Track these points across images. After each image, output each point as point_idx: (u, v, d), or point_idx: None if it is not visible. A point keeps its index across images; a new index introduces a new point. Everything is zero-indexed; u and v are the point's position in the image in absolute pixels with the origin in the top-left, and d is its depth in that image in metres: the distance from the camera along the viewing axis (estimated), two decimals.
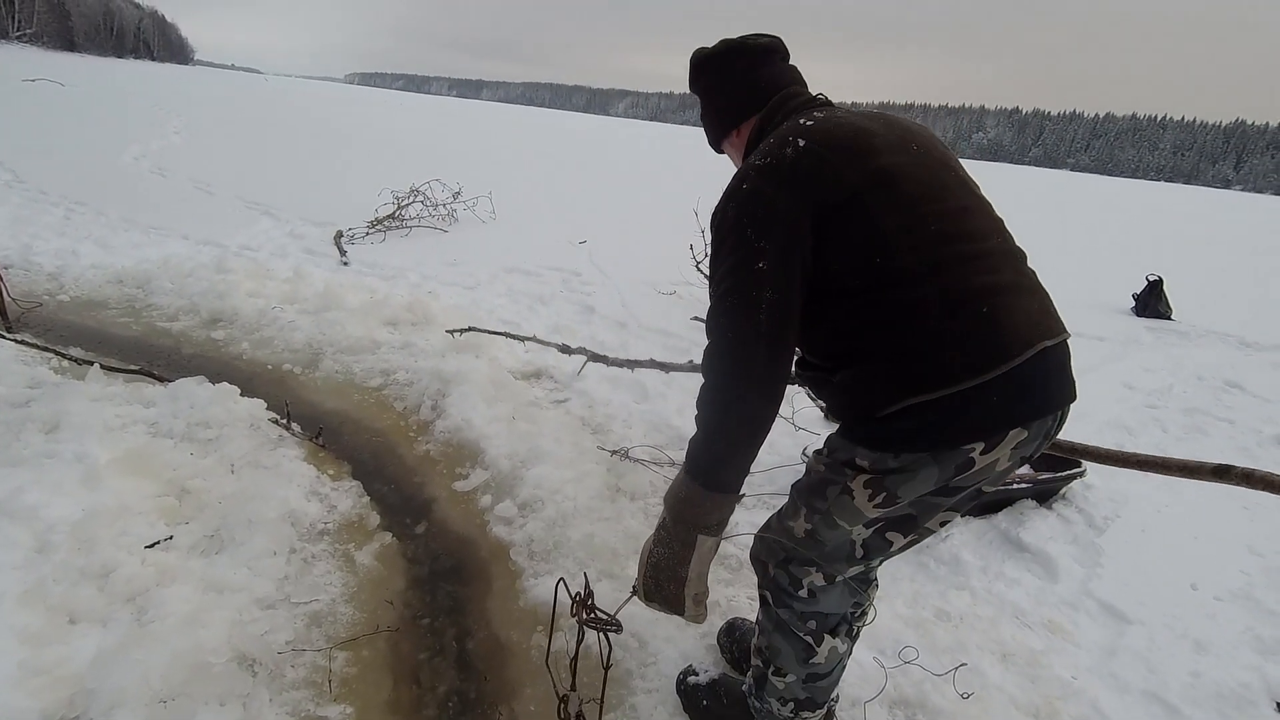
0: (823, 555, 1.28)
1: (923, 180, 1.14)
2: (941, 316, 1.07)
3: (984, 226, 1.17)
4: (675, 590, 1.22)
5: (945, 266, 1.09)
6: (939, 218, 1.12)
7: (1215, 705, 1.81)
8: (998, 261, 1.14)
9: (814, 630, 1.33)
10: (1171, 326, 5.95)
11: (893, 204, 1.10)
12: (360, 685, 1.67)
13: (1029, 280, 1.18)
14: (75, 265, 4.41)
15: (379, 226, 6.41)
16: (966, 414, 1.07)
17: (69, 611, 1.69)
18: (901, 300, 1.08)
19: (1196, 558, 2.46)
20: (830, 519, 1.23)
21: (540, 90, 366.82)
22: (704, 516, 1.17)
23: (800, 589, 1.31)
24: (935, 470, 1.11)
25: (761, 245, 1.09)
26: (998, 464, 1.13)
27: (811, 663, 1.35)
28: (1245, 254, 12.81)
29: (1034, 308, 1.14)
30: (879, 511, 1.18)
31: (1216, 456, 3.34)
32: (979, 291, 1.09)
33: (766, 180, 1.12)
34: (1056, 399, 1.14)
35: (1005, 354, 1.06)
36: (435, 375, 3.18)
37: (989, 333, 1.07)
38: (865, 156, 1.12)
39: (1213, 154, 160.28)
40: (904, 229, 1.09)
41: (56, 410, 2.43)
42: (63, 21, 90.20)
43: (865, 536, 1.24)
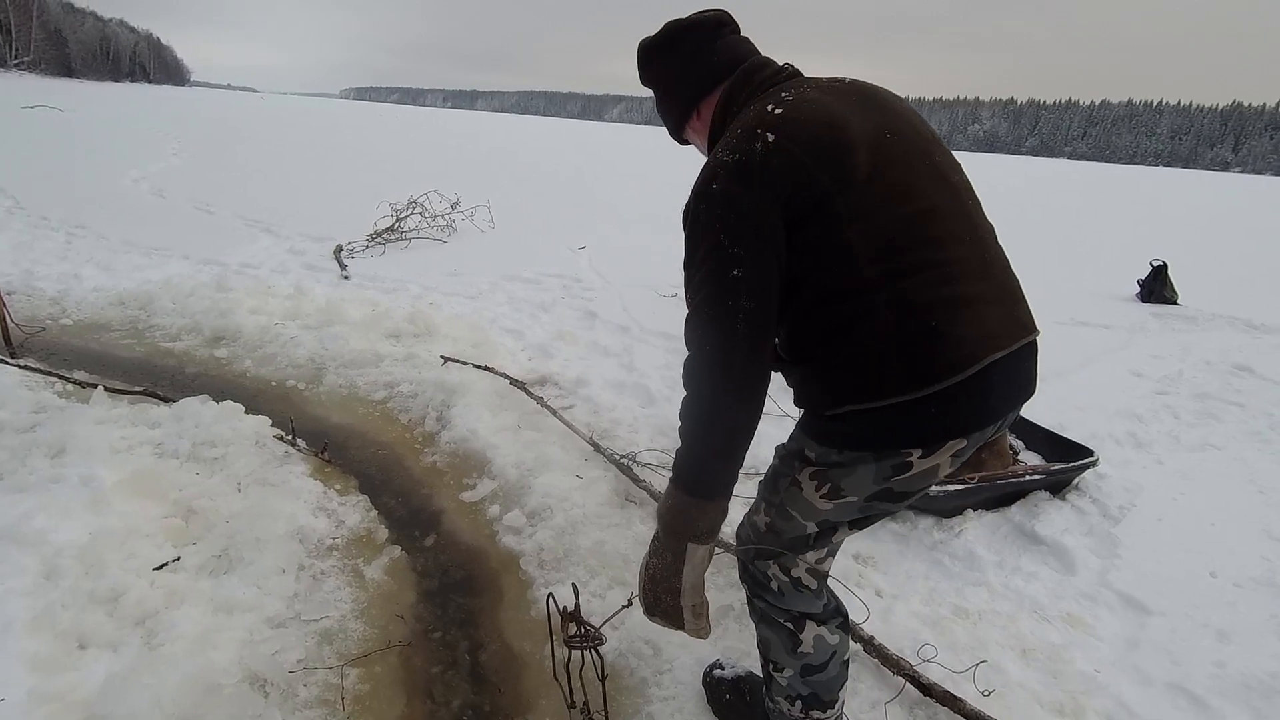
0: (781, 545, 1.30)
1: (893, 181, 1.10)
2: (890, 329, 1.06)
3: (952, 229, 1.12)
4: (672, 602, 1.22)
5: (902, 276, 1.07)
6: (905, 223, 1.09)
7: (1243, 696, 1.78)
8: (958, 269, 1.10)
9: (795, 618, 1.34)
10: (1178, 311, 5.91)
11: (860, 210, 1.06)
12: (373, 702, 1.65)
13: (992, 287, 1.14)
14: (77, 289, 4.42)
15: (378, 239, 6.42)
16: (904, 423, 1.10)
17: (78, 637, 1.68)
18: (855, 309, 1.08)
19: (1214, 545, 2.42)
20: (784, 511, 1.26)
21: (535, 99, 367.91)
22: (693, 525, 1.17)
23: (770, 582, 1.34)
24: (874, 468, 1.14)
25: (736, 251, 1.05)
26: (939, 469, 1.15)
27: (800, 652, 1.34)
28: (1248, 236, 12.75)
29: (990, 318, 1.10)
30: (827, 505, 1.21)
31: (1230, 441, 3.32)
32: (931, 304, 1.07)
33: (735, 180, 1.06)
34: (999, 410, 1.15)
35: (948, 370, 1.06)
36: (439, 386, 3.17)
37: (934, 348, 1.06)
38: (837, 154, 1.07)
39: (1210, 137, 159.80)
40: (867, 237, 1.06)
41: (62, 434, 2.42)
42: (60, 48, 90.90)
43: (816, 533, 1.28)
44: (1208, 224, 14.84)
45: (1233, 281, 7.53)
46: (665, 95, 1.34)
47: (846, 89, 1.18)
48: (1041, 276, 7.08)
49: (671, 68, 1.30)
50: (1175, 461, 3.06)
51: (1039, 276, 7.05)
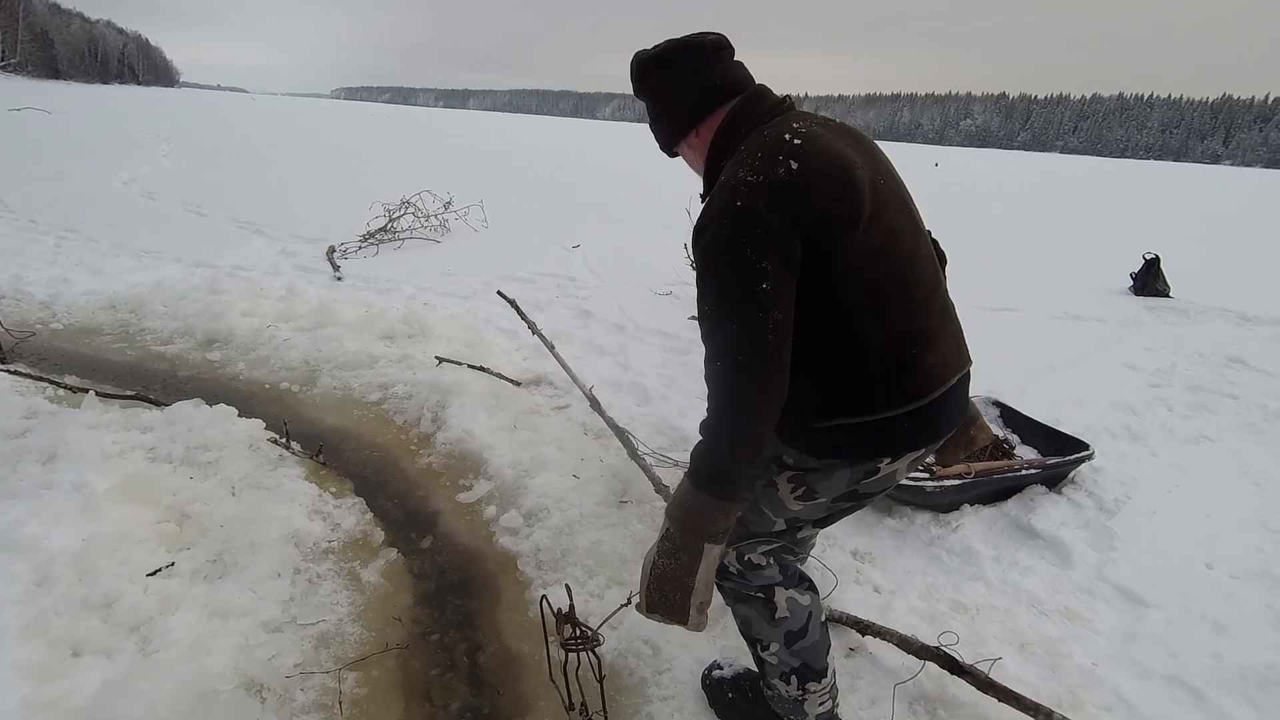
0: (745, 536, 1.39)
1: (886, 225, 1.20)
2: (879, 352, 1.20)
3: (925, 273, 1.27)
4: (681, 600, 1.25)
5: (891, 309, 1.20)
6: (892, 260, 1.21)
7: (1240, 687, 1.78)
8: (930, 305, 1.27)
9: (763, 586, 1.41)
10: (1170, 304, 5.93)
11: (860, 245, 1.15)
12: (371, 706, 1.64)
13: (951, 322, 1.32)
14: (68, 293, 4.38)
15: (371, 240, 6.39)
16: (882, 436, 1.25)
17: (72, 644, 1.67)
18: (850, 332, 1.19)
19: (1210, 536, 2.43)
20: (756, 508, 1.37)
21: (527, 97, 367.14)
22: (712, 525, 1.20)
23: (730, 567, 1.42)
24: (848, 473, 1.29)
25: (763, 266, 1.10)
26: (897, 474, 1.32)
27: (778, 619, 1.40)
28: (1240, 229, 12.82)
29: (950, 347, 1.29)
30: (798, 505, 1.33)
31: (1225, 432, 3.33)
32: (913, 334, 1.22)
33: (760, 199, 1.11)
34: (949, 425, 1.33)
35: (922, 391, 1.23)
36: (434, 387, 3.16)
37: (913, 373, 1.22)
38: (847, 191, 1.14)
39: (1201, 130, 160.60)
40: (862, 269, 1.17)
41: (53, 440, 2.40)
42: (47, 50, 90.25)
43: (782, 529, 1.38)
44: (1199, 217, 14.92)
45: (1225, 274, 7.57)
46: (663, 110, 1.35)
47: (843, 130, 1.28)
48: (1035, 271, 7.11)
49: (670, 84, 1.32)
50: (1169, 454, 3.07)
51: (1033, 271, 7.09)
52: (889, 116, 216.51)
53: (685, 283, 5.31)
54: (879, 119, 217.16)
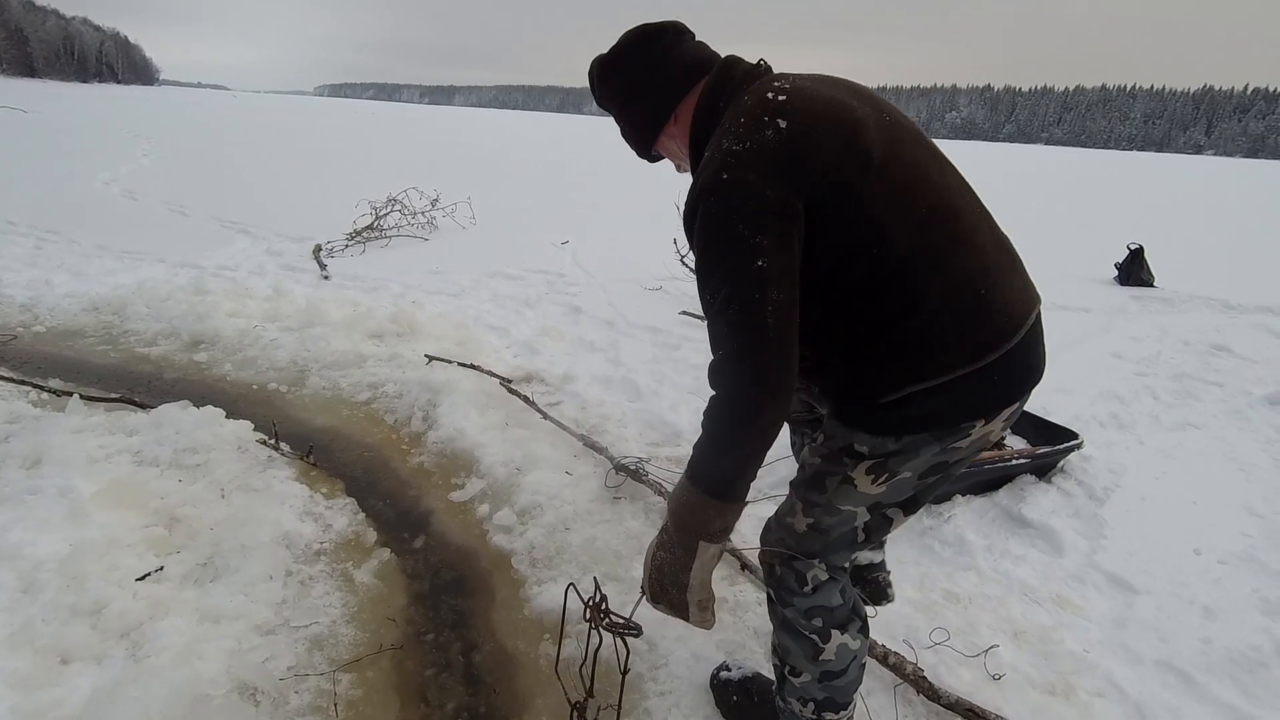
0: (827, 546, 1.27)
1: (905, 160, 1.09)
2: (941, 306, 1.07)
3: (965, 203, 1.15)
4: (679, 596, 1.19)
5: (940, 252, 1.07)
6: (926, 197, 1.09)
7: (1228, 670, 1.81)
8: (984, 239, 1.14)
9: (820, 628, 1.29)
10: (1155, 294, 5.99)
11: (884, 189, 1.05)
12: (367, 707, 1.63)
13: (1009, 253, 1.19)
14: (49, 295, 4.32)
15: (358, 238, 6.34)
16: (969, 397, 1.11)
17: (60, 651, 1.64)
18: (901, 290, 1.06)
19: (1198, 522, 2.46)
20: (832, 508, 1.23)
21: (513, 93, 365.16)
22: (708, 524, 1.12)
23: (805, 585, 1.28)
24: (936, 447, 1.14)
25: (758, 241, 1.00)
26: (991, 434, 1.18)
27: (821, 660, 1.30)
28: (1222, 218, 12.97)
29: (1018, 283, 1.16)
30: (881, 489, 1.19)
31: (1210, 420, 3.37)
32: (973, 276, 1.09)
33: (749, 167, 1.02)
34: (1039, 368, 1.20)
35: (1002, 338, 1.09)
36: (424, 386, 3.14)
37: (986, 319, 1.09)
38: (850, 135, 1.05)
39: (1183, 121, 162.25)
40: (897, 215, 1.05)
41: (37, 444, 2.37)
42: (21, 48, 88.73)
43: (867, 519, 1.24)
44: (1183, 207, 15.08)
45: (1208, 263, 7.66)
46: (633, 105, 1.27)
47: (832, 79, 1.17)
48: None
49: (637, 75, 1.25)
50: (1156, 441, 3.10)
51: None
52: None
53: (675, 278, 5.30)
54: None
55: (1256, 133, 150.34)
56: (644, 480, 2.44)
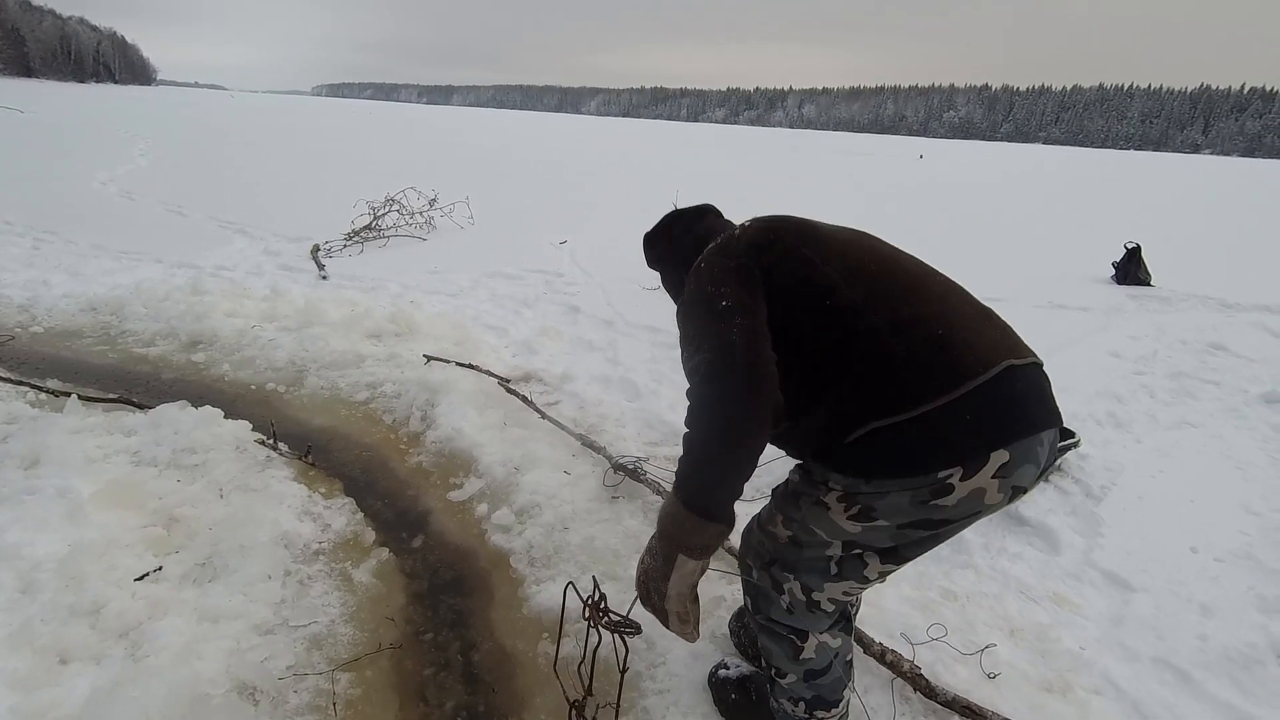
0: (802, 563, 1.28)
1: (851, 240, 1.29)
2: (895, 343, 1.10)
3: (919, 268, 1.26)
4: (659, 603, 1.21)
5: (890, 300, 1.16)
6: (876, 261, 1.23)
7: (1224, 667, 1.82)
8: (941, 293, 1.20)
9: (798, 631, 1.33)
10: (1152, 293, 6.00)
11: (834, 255, 1.22)
12: (365, 706, 1.63)
13: (981, 311, 1.21)
14: (47, 296, 4.31)
15: (356, 238, 6.34)
16: (935, 436, 1.06)
17: (59, 651, 1.64)
18: (853, 330, 1.13)
19: (1195, 521, 2.47)
20: (806, 527, 1.24)
21: (511, 93, 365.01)
22: (687, 538, 1.13)
23: (782, 595, 1.31)
24: (910, 497, 1.09)
25: (722, 290, 1.17)
26: (986, 495, 1.08)
27: (803, 659, 1.33)
28: (1219, 217, 12.99)
29: (993, 333, 1.16)
30: (855, 527, 1.16)
31: (1207, 418, 3.38)
32: (926, 318, 1.13)
33: (719, 253, 1.26)
34: (1038, 418, 1.11)
35: (968, 372, 1.07)
36: (423, 386, 3.14)
37: (946, 353, 1.09)
38: (800, 226, 1.30)
39: (1180, 120, 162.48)
40: (843, 271, 1.19)
41: (35, 445, 2.36)
42: (18, 48, 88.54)
43: (839, 554, 1.23)
44: (1180, 206, 15.10)
45: (1205, 262, 7.67)
46: (666, 270, 1.57)
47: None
48: (1019, 261, 7.16)
49: (663, 248, 1.56)
50: (1154, 440, 3.11)
51: (1017, 261, 7.14)
52: (873, 109, 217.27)
53: None
54: (863, 111, 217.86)
55: (1253, 132, 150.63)
56: (642, 479, 2.45)
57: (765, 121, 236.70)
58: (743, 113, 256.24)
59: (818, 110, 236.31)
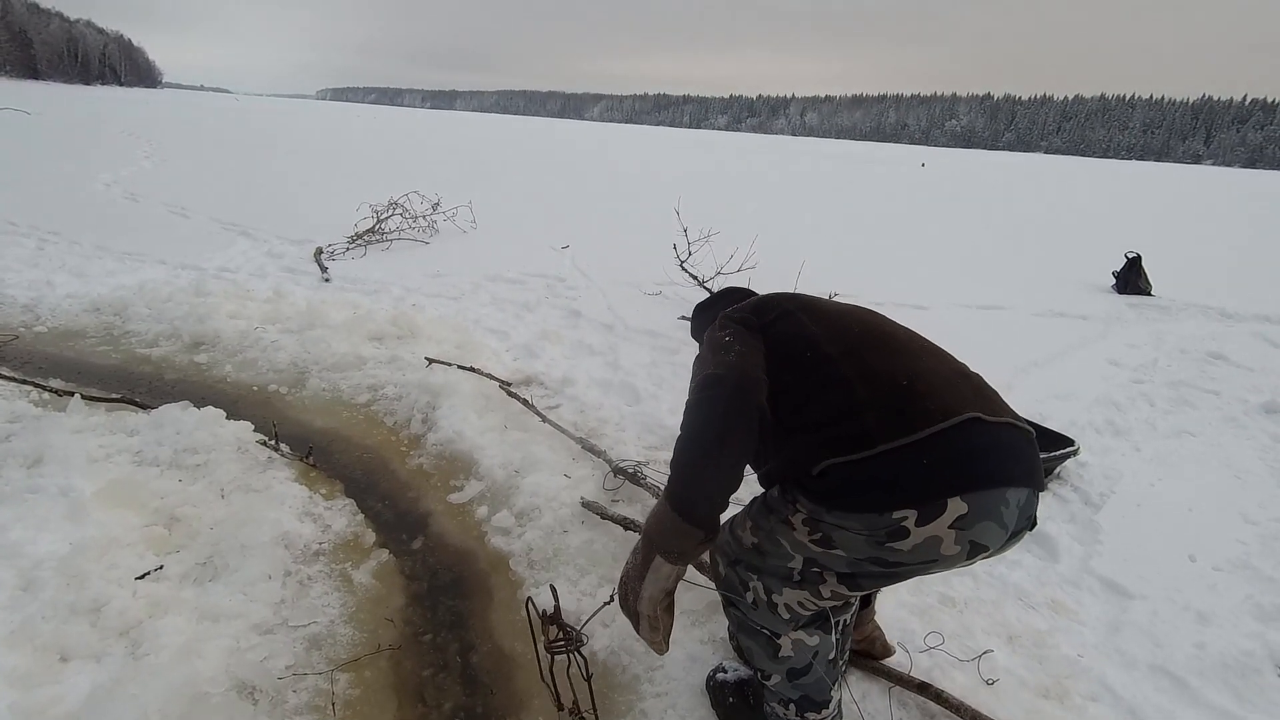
0: (765, 567, 1.34)
1: (845, 311, 1.41)
2: (861, 386, 1.19)
3: (903, 334, 1.35)
4: (632, 604, 1.24)
5: (862, 352, 1.25)
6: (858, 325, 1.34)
7: (1221, 675, 1.82)
8: (920, 355, 1.27)
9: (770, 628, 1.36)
10: (1152, 302, 6.02)
11: (821, 316, 1.36)
12: (364, 706, 1.63)
13: (961, 369, 1.28)
14: (50, 296, 4.33)
15: (359, 241, 6.36)
16: (890, 475, 1.09)
17: (60, 649, 1.65)
18: (827, 376, 1.23)
19: (1193, 529, 2.48)
20: (773, 538, 1.30)
21: (514, 98, 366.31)
22: (667, 540, 1.17)
23: (747, 592, 1.37)
24: (866, 535, 1.13)
25: (725, 334, 1.33)
26: (942, 544, 1.09)
27: (782, 657, 1.36)
28: (1220, 227, 13.01)
29: (965, 389, 1.20)
30: (816, 549, 1.22)
31: (1206, 427, 3.39)
32: (895, 370, 1.21)
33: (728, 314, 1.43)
34: (1003, 474, 1.11)
35: (926, 419, 1.11)
36: (424, 388, 3.15)
37: (909, 400, 1.14)
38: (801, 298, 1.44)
39: (1182, 130, 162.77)
40: (828, 330, 1.32)
41: (38, 444, 2.37)
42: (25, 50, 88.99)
43: (800, 566, 1.28)
44: (1181, 216, 15.12)
45: (1205, 272, 7.68)
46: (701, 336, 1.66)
47: None
48: (1020, 269, 7.18)
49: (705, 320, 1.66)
50: (1152, 448, 3.12)
51: (1018, 269, 7.16)
52: (875, 117, 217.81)
53: (674, 283, 5.33)
54: (865, 119, 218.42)
55: (1255, 143, 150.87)
56: (642, 483, 2.45)
57: (767, 129, 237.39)
58: (745, 120, 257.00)
59: (820, 118, 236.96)
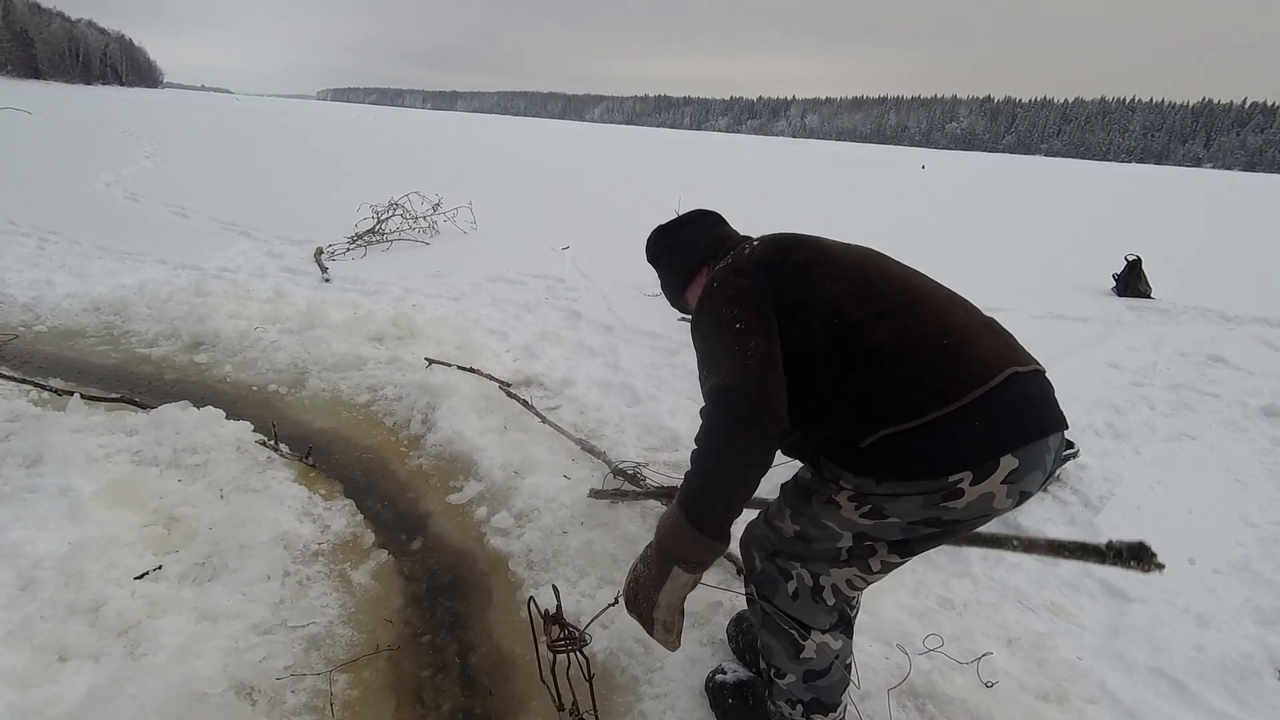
0: (810, 553, 1.31)
1: (857, 257, 1.33)
2: (902, 353, 1.15)
3: (922, 281, 1.29)
4: (647, 611, 1.24)
5: (894, 313, 1.19)
6: (878, 275, 1.27)
7: (1220, 678, 1.82)
8: (946, 307, 1.23)
9: (800, 625, 1.34)
10: (1152, 305, 6.01)
11: (838, 272, 1.27)
12: (363, 707, 1.63)
13: (986, 320, 1.25)
14: (51, 295, 4.33)
15: (359, 242, 6.36)
16: (945, 442, 1.10)
17: (58, 649, 1.65)
18: (861, 345, 1.17)
19: (1192, 532, 2.47)
20: (817, 522, 1.27)
21: (515, 99, 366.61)
22: (685, 551, 1.17)
23: (789, 582, 1.33)
24: (921, 500, 1.13)
25: (735, 313, 1.23)
26: (995, 499, 1.12)
27: (803, 658, 1.34)
28: (1220, 230, 13.02)
29: (996, 343, 1.20)
30: (867, 522, 1.20)
31: (1206, 430, 3.39)
32: (930, 330, 1.17)
33: (730, 273, 1.32)
34: (1044, 424, 1.14)
35: (975, 380, 1.11)
36: (424, 389, 3.15)
37: (953, 362, 1.13)
38: (806, 242, 1.35)
39: (1182, 133, 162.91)
40: (851, 289, 1.23)
41: (37, 443, 2.37)
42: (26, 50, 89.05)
43: (850, 545, 1.26)
44: (1181, 219, 15.13)
45: (1205, 275, 7.68)
46: (673, 264, 1.62)
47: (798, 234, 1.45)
48: (1020, 272, 7.18)
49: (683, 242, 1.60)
50: (1152, 451, 3.11)
51: (1018, 272, 7.16)
52: (875, 120, 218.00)
53: None
54: (865, 122, 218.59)
55: (1255, 146, 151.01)
56: (641, 484, 2.45)
57: (768, 131, 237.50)
58: (745, 122, 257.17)
59: (820, 120, 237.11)
